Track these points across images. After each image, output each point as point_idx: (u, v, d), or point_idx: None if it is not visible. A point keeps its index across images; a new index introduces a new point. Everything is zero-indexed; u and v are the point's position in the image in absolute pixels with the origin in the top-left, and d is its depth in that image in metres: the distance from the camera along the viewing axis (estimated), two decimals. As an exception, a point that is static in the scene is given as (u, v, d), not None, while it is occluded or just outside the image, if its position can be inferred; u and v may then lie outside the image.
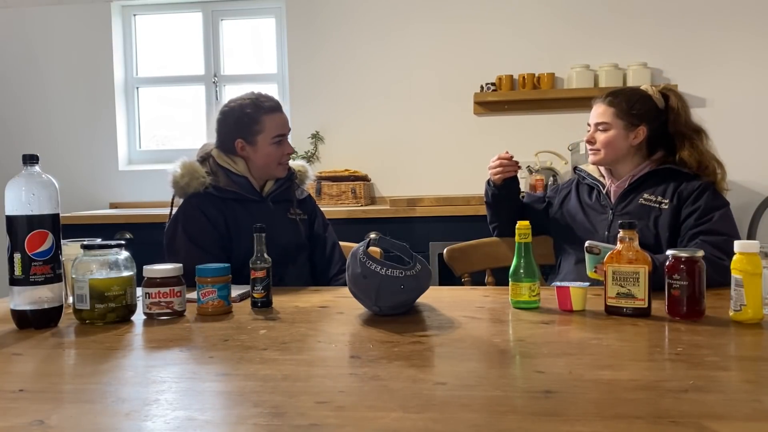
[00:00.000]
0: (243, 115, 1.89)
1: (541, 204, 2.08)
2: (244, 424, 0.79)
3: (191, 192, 1.85)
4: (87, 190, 3.83)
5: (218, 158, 1.92)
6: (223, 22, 3.92)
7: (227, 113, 1.92)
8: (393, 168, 3.64)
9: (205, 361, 1.07)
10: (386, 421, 0.79)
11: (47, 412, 0.84)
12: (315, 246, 2.03)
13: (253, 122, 1.88)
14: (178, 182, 1.86)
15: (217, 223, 1.84)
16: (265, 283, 1.45)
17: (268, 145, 1.89)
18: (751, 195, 3.36)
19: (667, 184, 1.82)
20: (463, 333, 1.21)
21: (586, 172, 2.01)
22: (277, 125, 1.90)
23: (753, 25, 3.37)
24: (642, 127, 1.85)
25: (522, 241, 1.41)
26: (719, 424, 0.76)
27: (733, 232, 1.71)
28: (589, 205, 1.95)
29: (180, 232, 1.83)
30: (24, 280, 1.28)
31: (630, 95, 1.89)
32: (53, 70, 3.88)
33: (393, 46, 3.64)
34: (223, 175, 1.89)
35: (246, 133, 1.89)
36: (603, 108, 1.89)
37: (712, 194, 1.77)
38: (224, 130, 1.93)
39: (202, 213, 1.83)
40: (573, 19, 3.49)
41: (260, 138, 1.88)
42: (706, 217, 1.72)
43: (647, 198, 1.82)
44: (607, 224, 1.86)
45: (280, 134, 1.90)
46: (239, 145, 1.90)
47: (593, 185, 1.96)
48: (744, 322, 1.23)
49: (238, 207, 1.88)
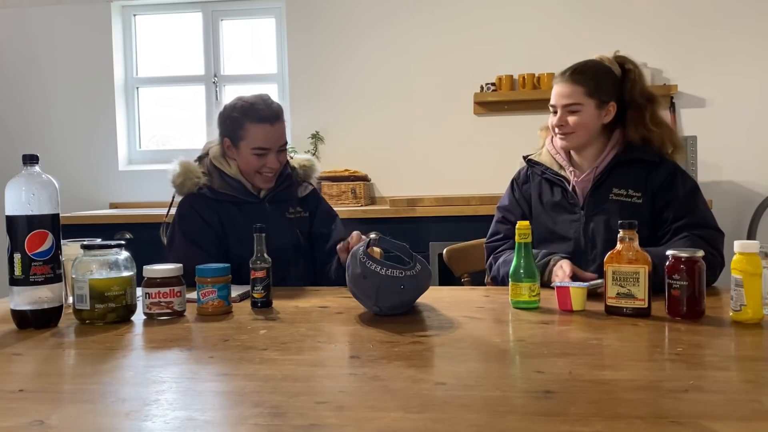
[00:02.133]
0: (231, 116, 1.86)
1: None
2: (244, 424, 0.79)
3: (186, 191, 1.86)
4: (87, 190, 3.83)
5: (214, 159, 1.90)
6: (223, 22, 3.92)
7: (222, 110, 1.90)
8: (393, 168, 3.64)
9: (205, 361, 1.07)
10: (386, 421, 0.79)
11: (47, 412, 0.84)
12: (315, 241, 1.99)
13: (237, 126, 1.84)
14: (174, 182, 1.87)
15: (212, 223, 1.84)
16: (265, 283, 1.45)
17: (249, 154, 1.83)
18: (751, 195, 3.36)
19: (634, 174, 1.72)
20: (463, 333, 1.21)
21: (543, 165, 1.83)
22: (260, 137, 1.82)
23: (753, 25, 3.37)
24: (612, 103, 1.74)
25: (522, 241, 1.41)
26: (719, 424, 0.76)
27: (712, 218, 1.67)
28: (555, 204, 1.79)
29: (177, 231, 1.84)
30: (24, 280, 1.28)
31: (596, 70, 1.77)
32: (53, 71, 3.88)
33: (393, 46, 3.64)
34: (218, 176, 1.88)
35: (231, 134, 1.86)
36: (569, 87, 1.74)
37: (681, 178, 1.71)
38: (219, 124, 1.91)
39: (196, 212, 1.83)
40: (573, 20, 3.49)
41: (242, 144, 1.84)
42: (685, 207, 1.66)
43: (617, 192, 1.72)
44: (580, 226, 1.73)
45: (262, 147, 1.82)
46: (226, 144, 1.88)
47: (555, 180, 1.80)
48: (744, 322, 1.23)
49: (233, 208, 1.87)
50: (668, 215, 1.68)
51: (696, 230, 1.63)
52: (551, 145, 1.85)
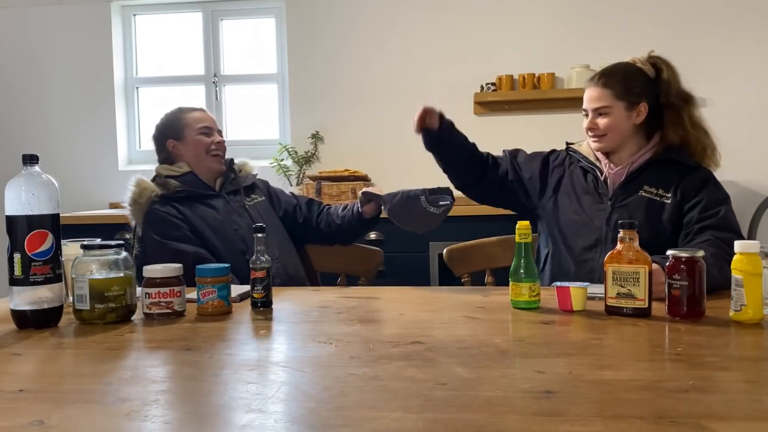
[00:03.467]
0: (167, 118, 2.05)
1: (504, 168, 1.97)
2: (243, 424, 0.79)
3: (144, 202, 1.89)
4: (87, 190, 3.83)
5: (162, 170, 1.99)
6: (223, 22, 3.92)
7: (155, 126, 2.07)
8: (393, 168, 3.64)
9: (205, 361, 1.07)
10: (386, 421, 0.79)
11: (47, 412, 0.84)
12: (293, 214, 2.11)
13: (176, 120, 2.02)
14: (133, 200, 1.90)
15: (181, 218, 1.88)
16: (265, 283, 1.45)
17: (196, 136, 1.99)
18: (751, 195, 3.36)
19: (669, 176, 1.75)
20: (463, 333, 1.21)
21: (581, 153, 1.88)
22: (200, 118, 2.02)
23: (753, 25, 3.37)
24: (643, 104, 1.77)
25: (522, 241, 1.41)
26: (719, 424, 0.76)
27: (738, 228, 1.68)
28: (585, 190, 1.84)
29: (149, 236, 1.85)
30: (24, 280, 1.28)
31: (625, 73, 1.80)
32: (53, 70, 3.88)
33: (393, 46, 3.64)
34: (171, 181, 1.94)
35: (173, 132, 2.01)
36: (599, 91, 1.79)
37: (714, 186, 1.74)
38: (157, 139, 2.06)
39: (164, 213, 1.87)
40: (573, 19, 3.49)
41: (187, 131, 2.00)
42: (712, 210, 1.67)
43: (648, 190, 1.75)
44: (605, 216, 1.77)
45: (205, 125, 2.01)
46: (171, 145, 2.01)
47: (589, 169, 1.85)
48: (744, 322, 1.23)
49: (192, 206, 1.92)
50: (693, 215, 1.69)
51: (718, 232, 1.63)
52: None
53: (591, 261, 1.77)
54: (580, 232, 1.81)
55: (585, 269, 1.77)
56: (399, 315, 1.37)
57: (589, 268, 1.76)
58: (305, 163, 3.66)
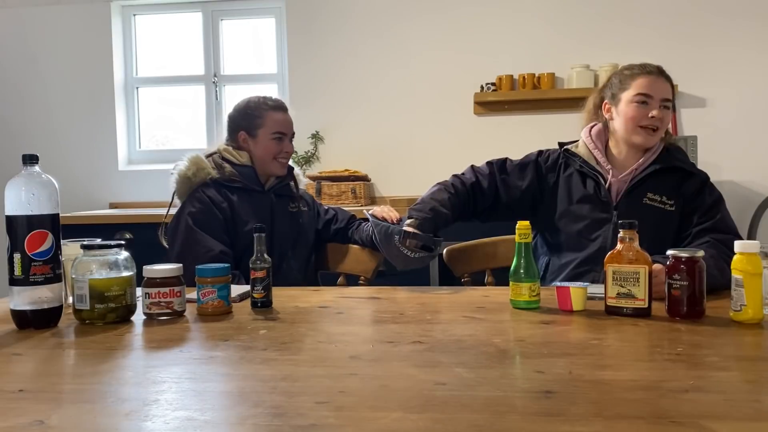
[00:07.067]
0: (248, 108, 2.01)
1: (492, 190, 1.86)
2: (244, 424, 0.79)
3: (197, 182, 1.92)
4: (87, 190, 3.83)
5: (224, 152, 2.00)
6: (223, 22, 3.92)
7: (235, 107, 2.04)
8: (393, 168, 3.64)
9: (205, 361, 1.07)
10: (386, 422, 0.79)
11: (47, 412, 0.84)
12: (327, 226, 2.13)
13: (256, 116, 1.99)
14: (185, 175, 1.92)
15: (221, 208, 1.90)
16: (265, 283, 1.45)
17: (268, 140, 1.98)
18: (751, 195, 3.36)
19: (670, 182, 1.74)
20: (463, 333, 1.21)
21: (580, 157, 1.79)
22: (278, 122, 1.99)
23: (753, 25, 3.37)
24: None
25: (522, 241, 1.41)
26: (719, 424, 0.76)
27: (735, 228, 1.69)
28: (585, 197, 1.76)
29: (184, 216, 1.88)
30: (24, 280, 1.28)
31: None
32: (53, 70, 3.87)
33: (393, 46, 3.64)
34: (228, 166, 1.96)
35: (249, 126, 1.99)
36: (666, 84, 1.73)
37: (710, 188, 1.75)
38: (231, 123, 2.04)
39: (207, 198, 1.89)
40: (573, 19, 3.49)
41: (261, 132, 1.98)
42: (710, 213, 1.69)
43: (651, 197, 1.72)
44: (610, 226, 1.71)
45: (280, 131, 1.99)
46: (242, 137, 2.00)
47: (589, 174, 1.77)
48: (744, 322, 1.23)
49: (241, 196, 1.94)
50: (692, 219, 1.71)
51: (717, 234, 1.64)
52: (589, 138, 1.83)
53: (592, 272, 1.71)
54: (581, 243, 1.75)
55: (586, 280, 1.71)
56: (399, 315, 1.37)
57: (591, 280, 1.67)
58: (305, 163, 3.67)
